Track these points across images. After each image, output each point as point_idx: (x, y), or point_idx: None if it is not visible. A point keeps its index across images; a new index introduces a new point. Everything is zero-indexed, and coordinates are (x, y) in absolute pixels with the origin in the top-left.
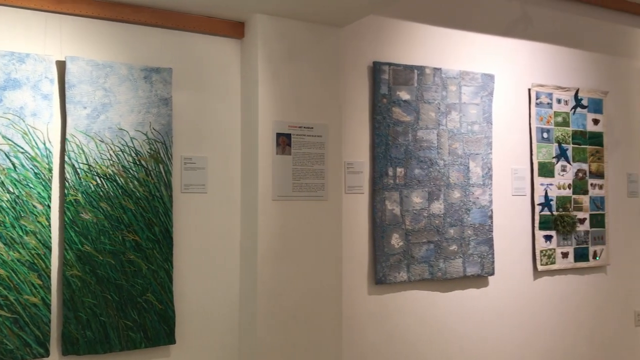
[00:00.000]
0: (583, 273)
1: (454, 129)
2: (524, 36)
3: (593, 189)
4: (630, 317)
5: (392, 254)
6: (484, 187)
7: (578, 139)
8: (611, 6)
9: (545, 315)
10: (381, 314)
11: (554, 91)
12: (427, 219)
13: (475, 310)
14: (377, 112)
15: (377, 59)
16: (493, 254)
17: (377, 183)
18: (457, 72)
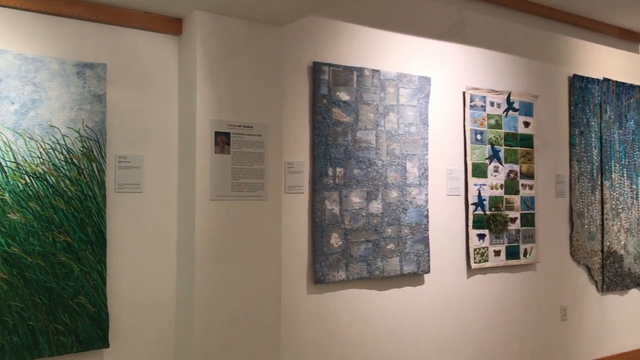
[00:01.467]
0: (514, 270)
1: (392, 130)
2: (459, 40)
3: (524, 189)
4: (557, 312)
5: (331, 253)
6: (421, 187)
7: (510, 141)
8: (542, 14)
9: (478, 312)
10: (320, 313)
11: (488, 94)
12: (366, 219)
13: (412, 308)
14: (317, 112)
15: (318, 59)
16: (429, 253)
17: (317, 183)
18: (395, 74)
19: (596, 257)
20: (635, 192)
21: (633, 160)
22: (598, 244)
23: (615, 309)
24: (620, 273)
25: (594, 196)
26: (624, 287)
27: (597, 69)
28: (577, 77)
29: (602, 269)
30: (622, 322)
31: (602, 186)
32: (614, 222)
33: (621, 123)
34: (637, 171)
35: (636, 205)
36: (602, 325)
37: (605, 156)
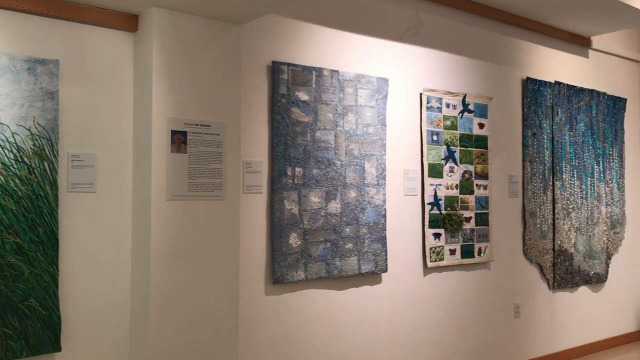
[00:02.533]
0: (469, 269)
1: (351, 130)
2: (416, 42)
3: (478, 189)
4: (510, 309)
5: (290, 253)
6: (378, 187)
7: (465, 142)
8: (496, 17)
9: (434, 310)
10: (278, 314)
11: (444, 96)
12: (325, 218)
13: (369, 307)
14: (276, 111)
15: (277, 58)
16: (386, 252)
17: (276, 183)
18: (353, 75)
19: (548, 255)
20: (584, 192)
21: (583, 161)
22: (549, 243)
23: (566, 305)
24: (570, 271)
25: (546, 196)
26: (573, 284)
27: (549, 72)
28: (530, 80)
29: (554, 267)
30: (571, 319)
31: (553, 186)
32: (564, 222)
33: (572, 125)
34: (586, 172)
35: (586, 205)
36: (553, 322)
37: (557, 157)
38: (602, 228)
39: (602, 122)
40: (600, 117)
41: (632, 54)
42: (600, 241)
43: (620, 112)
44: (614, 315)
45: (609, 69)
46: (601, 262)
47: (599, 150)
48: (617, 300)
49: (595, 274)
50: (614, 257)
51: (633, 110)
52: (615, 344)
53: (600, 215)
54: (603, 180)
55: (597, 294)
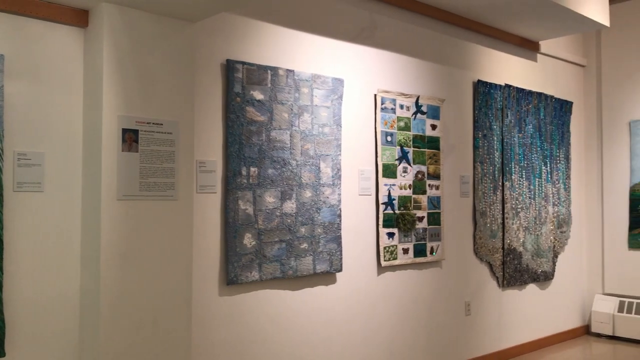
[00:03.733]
0: (421, 268)
1: (306, 130)
2: (371, 43)
3: (431, 190)
4: (461, 307)
5: (244, 253)
6: (334, 187)
7: (418, 143)
8: (449, 21)
9: (388, 309)
10: (232, 315)
11: (398, 97)
12: (280, 218)
13: (324, 307)
14: (230, 110)
15: (231, 57)
16: (341, 252)
17: (231, 182)
18: (309, 75)
19: (497, 254)
20: (533, 192)
21: (531, 162)
22: (499, 242)
23: (514, 303)
24: (519, 269)
25: (496, 196)
26: (522, 282)
27: (499, 75)
28: (481, 83)
29: (503, 265)
30: (520, 316)
31: (503, 187)
32: (513, 221)
33: (521, 127)
34: (534, 173)
35: (534, 205)
36: (502, 319)
37: (506, 158)
38: (549, 227)
39: (550, 124)
40: (548, 120)
41: (578, 58)
42: (547, 240)
43: (566, 114)
44: (560, 311)
45: (556, 73)
46: (548, 261)
47: (547, 152)
48: (563, 297)
49: (543, 272)
50: (561, 255)
51: (578, 113)
52: (562, 340)
53: (548, 215)
54: (550, 181)
55: (544, 291)
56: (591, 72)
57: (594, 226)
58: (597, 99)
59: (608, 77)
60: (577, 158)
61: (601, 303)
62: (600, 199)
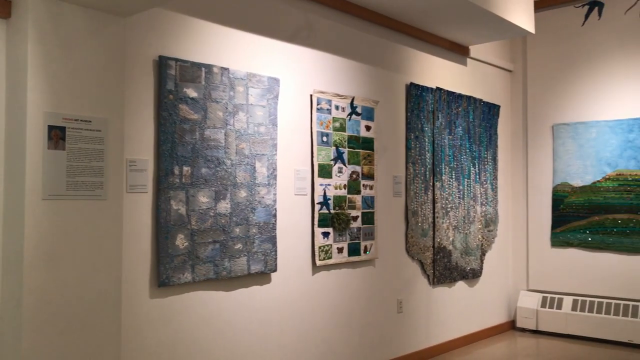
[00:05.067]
0: (355, 266)
1: (241, 129)
2: (307, 44)
3: (365, 190)
4: (394, 305)
5: (177, 254)
6: (269, 186)
7: (353, 144)
8: (383, 24)
9: (322, 307)
10: (164, 317)
11: (333, 98)
12: (214, 219)
13: (259, 307)
14: (163, 108)
15: (164, 53)
16: (276, 252)
17: (162, 182)
18: (244, 74)
19: (428, 252)
20: (462, 192)
21: (460, 163)
22: (430, 241)
23: (444, 300)
24: (448, 267)
25: (427, 196)
26: (452, 279)
27: (431, 78)
28: (413, 85)
29: (433, 263)
30: (450, 312)
31: (433, 187)
32: (443, 220)
33: (451, 129)
34: (463, 174)
35: (463, 204)
36: (433, 316)
37: (437, 159)
38: (477, 226)
39: (478, 126)
40: (477, 122)
41: (505, 63)
42: (475, 239)
43: (494, 117)
44: (487, 308)
45: (484, 77)
46: (476, 259)
47: (475, 153)
48: (491, 293)
49: (471, 270)
50: (488, 253)
51: (505, 116)
52: (489, 335)
53: (476, 214)
54: (478, 182)
55: (472, 288)
56: (517, 77)
57: (519, 225)
58: (523, 103)
59: (533, 82)
60: (504, 159)
61: (526, 299)
62: (525, 199)
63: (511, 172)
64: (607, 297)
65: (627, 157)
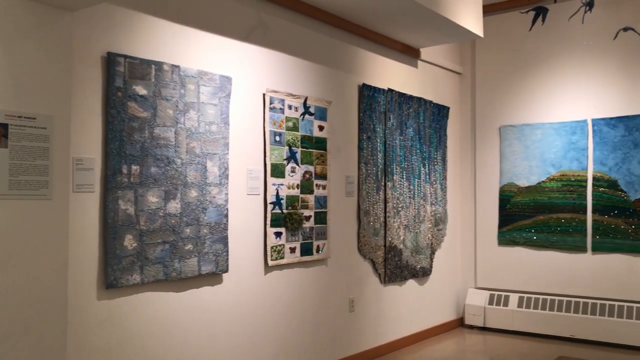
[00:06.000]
0: (308, 266)
1: (192, 128)
2: (260, 43)
3: (318, 189)
4: (345, 304)
5: (125, 255)
6: (221, 186)
7: (306, 143)
8: (336, 25)
9: (274, 307)
10: (112, 320)
11: (286, 98)
12: (163, 219)
13: (210, 308)
14: (111, 105)
15: (113, 49)
16: (227, 252)
17: (110, 181)
18: (195, 72)
19: (380, 251)
20: (412, 192)
21: (411, 164)
22: (381, 240)
23: (395, 298)
24: (399, 265)
25: (379, 196)
26: (402, 278)
27: (383, 80)
28: (366, 86)
29: (385, 262)
30: (400, 310)
31: (385, 187)
32: (394, 220)
33: (402, 130)
34: (414, 174)
35: (413, 204)
36: (384, 314)
37: (389, 159)
38: (427, 225)
39: (428, 128)
40: (427, 123)
41: (454, 66)
42: (425, 237)
43: (444, 119)
44: (437, 305)
45: (434, 79)
46: (426, 257)
47: (425, 154)
48: (440, 292)
49: (422, 268)
50: (437, 252)
51: (454, 118)
52: (438, 332)
53: (426, 214)
54: (428, 182)
55: (422, 286)
56: (466, 80)
57: (467, 224)
58: (472, 105)
59: (481, 85)
60: (453, 160)
61: (473, 297)
62: (473, 198)
63: (460, 173)
64: (551, 294)
65: (571, 158)
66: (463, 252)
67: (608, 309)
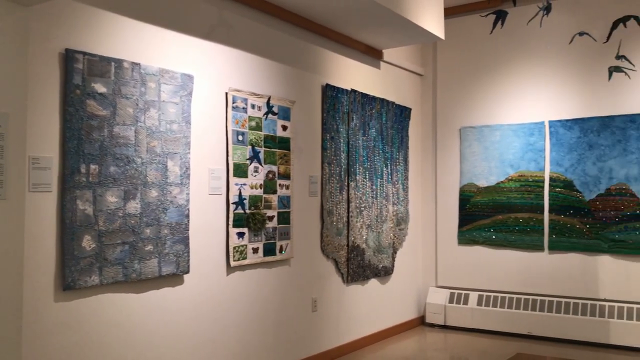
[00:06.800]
0: (271, 266)
1: (153, 126)
2: (223, 41)
3: (281, 189)
4: (308, 303)
5: (83, 257)
6: (182, 186)
7: (269, 143)
8: (300, 24)
9: (237, 309)
10: (70, 322)
11: (249, 97)
12: (123, 219)
13: (171, 310)
14: (69, 103)
15: (71, 46)
16: (189, 253)
17: (68, 181)
18: (156, 69)
19: (342, 251)
20: (375, 192)
21: (374, 164)
22: (344, 239)
23: (358, 297)
24: (362, 265)
25: (342, 196)
26: (365, 277)
27: (346, 80)
28: (329, 87)
29: (347, 262)
30: (363, 310)
31: (348, 187)
32: (357, 219)
33: (365, 130)
34: (376, 174)
35: (376, 204)
36: (347, 313)
37: (352, 160)
38: (389, 225)
39: (391, 128)
40: (389, 124)
41: (416, 68)
42: (387, 237)
43: (406, 120)
44: (398, 304)
45: (397, 81)
46: (388, 256)
47: (388, 154)
48: (402, 290)
49: (384, 267)
50: (399, 251)
51: (416, 119)
52: (400, 331)
53: (388, 213)
54: (391, 182)
55: (384, 285)
56: (428, 81)
57: (428, 224)
58: (433, 107)
59: (442, 86)
60: (415, 160)
61: (434, 295)
62: (434, 198)
63: (421, 173)
64: (510, 292)
65: (528, 159)
66: (424, 251)
67: (564, 306)
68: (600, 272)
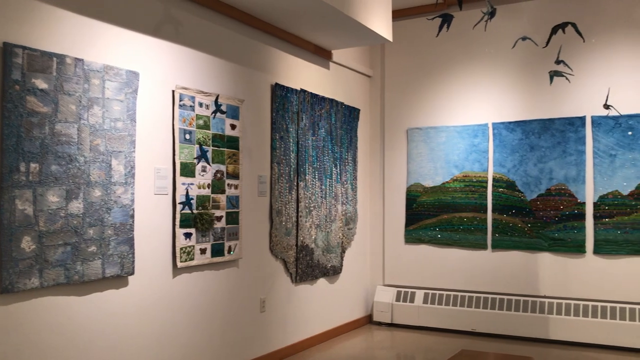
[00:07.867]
0: (219, 267)
1: (97, 124)
2: (170, 38)
3: (230, 189)
4: (257, 304)
5: (22, 258)
6: (126, 185)
7: (217, 142)
8: (249, 23)
9: (183, 310)
10: (7, 327)
11: (197, 95)
12: (65, 220)
13: (115, 312)
14: (7, 99)
15: (9, 40)
16: (133, 254)
17: (6, 180)
18: (100, 66)
19: (291, 251)
20: (324, 192)
21: (323, 164)
22: (293, 239)
23: (307, 297)
24: (311, 265)
25: (291, 195)
26: (313, 277)
27: (295, 80)
28: (279, 86)
29: (296, 261)
30: (312, 309)
31: (297, 187)
32: (306, 219)
33: (314, 130)
34: (326, 174)
35: (325, 203)
36: (295, 313)
37: (301, 159)
38: (338, 225)
39: (340, 129)
40: (339, 125)
41: (365, 69)
42: (336, 236)
43: (354, 120)
44: (347, 303)
45: (346, 81)
46: (337, 256)
47: (337, 155)
48: (350, 289)
49: (332, 267)
50: (348, 250)
51: (365, 120)
52: (348, 330)
53: (337, 213)
54: (340, 182)
55: (333, 285)
56: (376, 83)
57: (376, 223)
58: (381, 108)
59: (390, 88)
60: (363, 161)
61: (382, 294)
62: (382, 198)
63: (370, 173)
64: (454, 289)
65: (473, 160)
66: (372, 251)
67: (506, 303)
68: (540, 269)
